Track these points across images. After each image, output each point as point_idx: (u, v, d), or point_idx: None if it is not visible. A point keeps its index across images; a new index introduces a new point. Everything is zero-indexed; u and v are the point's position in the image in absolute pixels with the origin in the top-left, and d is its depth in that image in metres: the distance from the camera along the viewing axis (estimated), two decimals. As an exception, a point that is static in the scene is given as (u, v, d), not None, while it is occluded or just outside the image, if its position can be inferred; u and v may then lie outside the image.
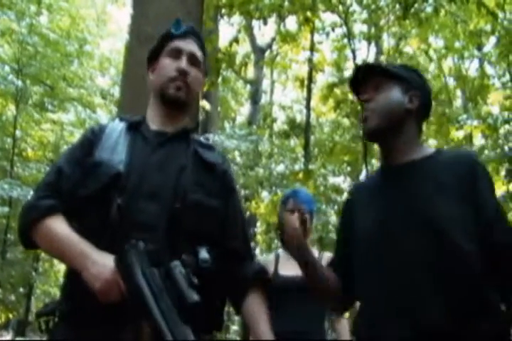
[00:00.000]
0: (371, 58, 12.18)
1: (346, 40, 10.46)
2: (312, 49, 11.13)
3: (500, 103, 8.93)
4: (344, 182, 14.68)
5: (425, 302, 1.43)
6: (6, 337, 13.26)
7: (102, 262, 1.37)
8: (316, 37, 11.00)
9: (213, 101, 11.02)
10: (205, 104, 9.63)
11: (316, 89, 13.31)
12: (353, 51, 9.22)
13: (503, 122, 8.32)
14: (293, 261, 1.69)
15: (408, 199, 1.56)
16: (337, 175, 14.32)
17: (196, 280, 1.27)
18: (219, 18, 8.63)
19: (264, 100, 16.10)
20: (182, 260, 1.31)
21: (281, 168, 12.50)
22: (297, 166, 11.71)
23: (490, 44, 10.14)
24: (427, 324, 1.42)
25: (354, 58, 9.00)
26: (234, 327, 11.10)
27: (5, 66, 11.07)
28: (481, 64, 11.25)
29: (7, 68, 11.03)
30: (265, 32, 21.63)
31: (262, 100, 15.50)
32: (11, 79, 10.84)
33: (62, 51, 11.31)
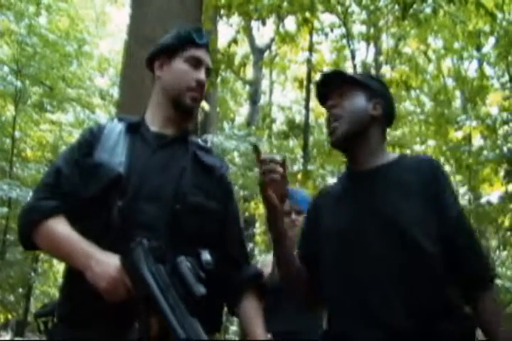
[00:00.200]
0: (370, 59, 12.20)
1: (345, 41, 10.47)
2: (311, 49, 11.13)
3: (499, 104, 8.92)
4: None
5: (390, 303, 1.46)
6: (5, 338, 13.25)
7: (107, 261, 1.37)
8: (315, 37, 11.00)
9: (212, 101, 11.00)
10: (204, 105, 9.62)
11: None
12: (352, 52, 9.22)
13: (502, 123, 8.32)
14: None
15: (375, 203, 1.58)
16: (336, 176, 14.30)
17: (203, 274, 1.29)
18: (218, 19, 8.64)
19: (263, 101, 16.10)
20: (186, 258, 1.32)
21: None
22: (296, 167, 11.71)
23: (489, 45, 10.15)
24: (392, 324, 1.44)
25: (353, 59, 9.01)
26: (233, 327, 11.11)
27: (4, 66, 11.06)
28: (480, 64, 11.25)
29: (6, 69, 11.03)
30: (264, 32, 21.65)
31: (261, 101, 15.50)
32: (10, 79, 10.82)
33: (61, 52, 11.29)
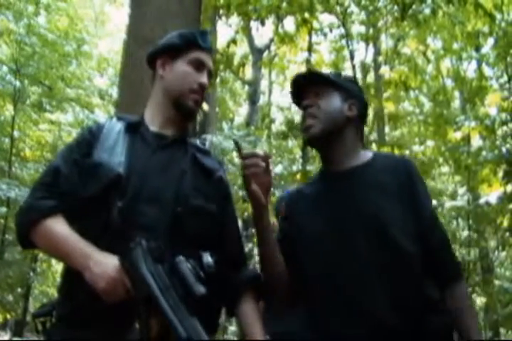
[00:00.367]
0: (369, 59, 12.20)
1: (344, 41, 10.45)
2: (310, 50, 11.14)
3: (498, 104, 8.91)
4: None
5: (377, 302, 1.47)
6: (4, 338, 13.23)
7: (105, 262, 1.37)
8: (314, 38, 11.00)
9: (211, 101, 11.00)
10: (203, 105, 9.62)
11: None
12: (351, 52, 9.20)
13: (501, 123, 8.31)
14: None
15: (354, 204, 1.59)
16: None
17: (204, 275, 1.29)
18: (217, 19, 8.64)
19: (262, 101, 16.08)
20: (187, 259, 1.32)
21: (279, 169, 12.48)
22: (295, 167, 11.70)
23: (488, 45, 10.14)
24: (381, 322, 1.45)
25: (352, 59, 9.00)
26: (231, 327, 11.10)
27: (3, 66, 11.05)
28: (479, 65, 11.24)
29: (5, 68, 11.02)
30: (263, 33, 21.57)
31: (260, 101, 15.49)
32: (9, 79, 10.83)
33: (60, 51, 11.28)
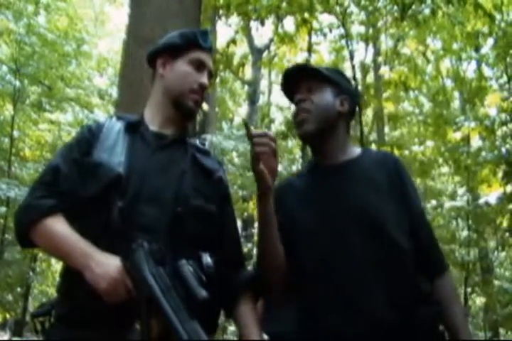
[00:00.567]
0: (369, 59, 12.20)
1: (344, 41, 10.45)
2: (310, 50, 11.13)
3: (497, 105, 8.91)
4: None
5: (375, 298, 1.48)
6: (3, 337, 13.23)
7: (107, 262, 1.37)
8: (314, 38, 10.97)
9: (211, 101, 11.01)
10: (202, 105, 9.63)
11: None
12: (351, 52, 9.19)
13: (501, 124, 8.30)
14: None
15: (345, 197, 1.59)
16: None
17: (204, 277, 1.30)
18: (217, 19, 8.64)
19: (261, 101, 16.10)
20: (187, 261, 1.32)
21: (278, 169, 12.48)
22: (295, 167, 11.71)
23: (487, 46, 10.14)
24: (378, 318, 1.46)
25: (352, 59, 8.99)
26: (231, 327, 11.10)
27: (2, 66, 11.04)
28: (479, 65, 11.25)
29: (5, 68, 11.01)
30: (263, 33, 21.58)
31: (260, 101, 15.51)
32: (9, 79, 10.81)
33: (59, 51, 11.27)
